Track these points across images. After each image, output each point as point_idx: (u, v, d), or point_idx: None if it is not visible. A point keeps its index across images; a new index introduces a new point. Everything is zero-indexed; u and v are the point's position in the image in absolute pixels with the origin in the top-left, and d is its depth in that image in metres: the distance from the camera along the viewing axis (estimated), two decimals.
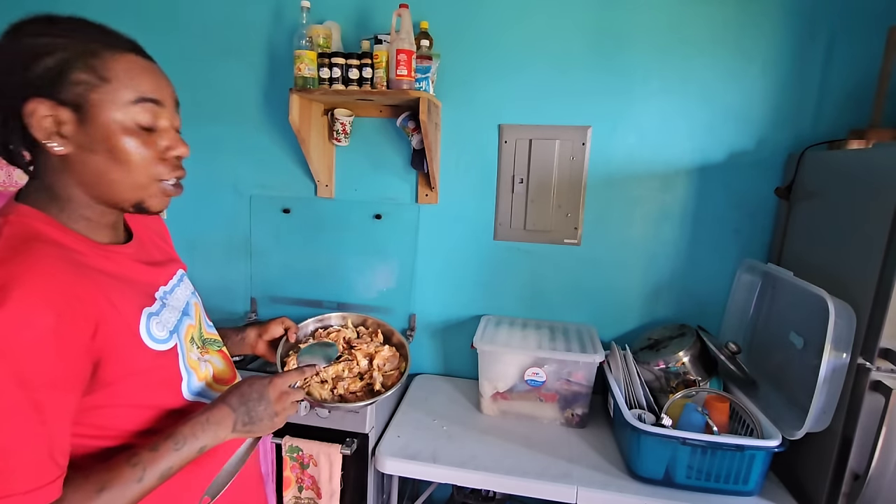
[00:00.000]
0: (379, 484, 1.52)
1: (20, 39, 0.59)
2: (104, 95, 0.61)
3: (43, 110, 0.59)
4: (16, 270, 0.55)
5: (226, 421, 0.70)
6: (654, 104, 1.62)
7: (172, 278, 0.79)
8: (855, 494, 1.13)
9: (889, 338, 1.08)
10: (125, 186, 0.65)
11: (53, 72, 0.58)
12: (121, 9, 1.89)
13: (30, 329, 0.53)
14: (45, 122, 0.59)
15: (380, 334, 1.14)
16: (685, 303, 1.71)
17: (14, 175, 2.19)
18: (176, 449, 0.65)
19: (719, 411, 1.35)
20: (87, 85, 0.60)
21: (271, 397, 0.74)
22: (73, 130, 0.61)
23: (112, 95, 0.61)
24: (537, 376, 1.53)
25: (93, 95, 0.60)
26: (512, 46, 1.67)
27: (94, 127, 0.61)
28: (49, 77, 0.58)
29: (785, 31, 1.51)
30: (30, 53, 0.58)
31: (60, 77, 0.59)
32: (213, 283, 2.03)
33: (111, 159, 0.63)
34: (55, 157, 0.62)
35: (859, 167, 1.21)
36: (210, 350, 0.82)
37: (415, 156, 1.75)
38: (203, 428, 0.68)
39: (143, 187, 0.67)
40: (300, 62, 1.51)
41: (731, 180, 1.61)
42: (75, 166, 0.63)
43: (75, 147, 0.61)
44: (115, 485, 0.60)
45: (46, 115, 0.59)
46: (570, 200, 1.72)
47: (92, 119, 0.61)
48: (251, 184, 1.94)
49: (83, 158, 0.62)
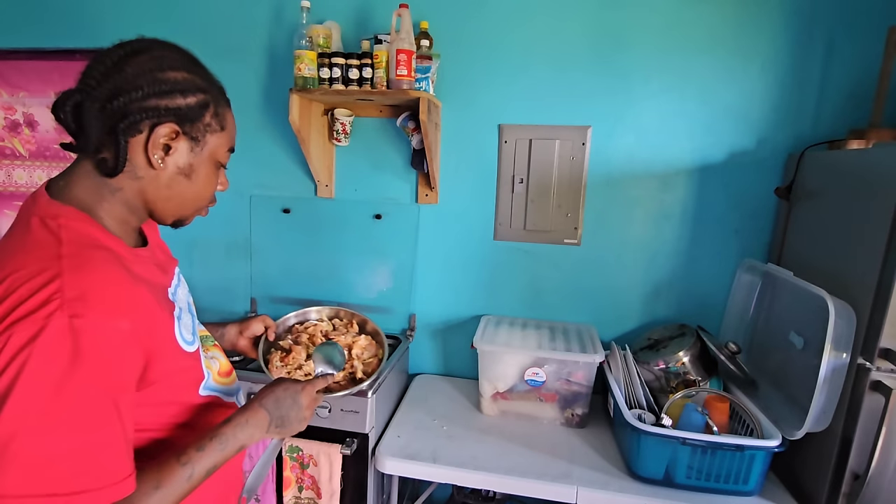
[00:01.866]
0: (379, 484, 1.52)
1: (163, 69, 0.67)
2: (218, 140, 0.74)
3: (169, 133, 0.67)
4: (90, 279, 0.59)
5: (262, 423, 0.76)
6: (653, 104, 1.62)
7: (174, 277, 0.82)
8: (855, 494, 1.13)
9: (889, 338, 1.08)
10: (189, 206, 0.75)
11: (194, 111, 0.69)
12: (121, 9, 1.89)
13: (112, 336, 0.59)
14: (162, 142, 0.67)
15: (354, 325, 1.17)
16: (685, 303, 1.71)
17: (13, 175, 2.19)
18: (221, 448, 0.71)
19: (719, 411, 1.35)
20: (211, 127, 0.72)
21: (303, 402, 0.81)
22: (182, 155, 0.70)
23: (222, 141, 0.75)
24: (537, 376, 1.53)
25: (210, 136, 0.72)
26: (512, 46, 1.67)
27: (199, 159, 0.72)
28: (188, 113, 0.68)
29: (785, 30, 1.51)
30: (175, 86, 0.67)
31: (197, 116, 0.70)
32: (213, 283, 2.03)
33: (193, 185, 0.73)
34: (148, 168, 0.68)
35: (859, 167, 1.21)
36: (208, 346, 0.86)
37: (415, 156, 1.75)
38: (243, 429, 0.74)
39: (198, 209, 0.78)
40: (300, 62, 1.51)
41: (731, 180, 1.61)
42: (162, 182, 0.70)
43: (174, 167, 0.70)
44: (169, 482, 0.65)
45: (170, 137, 0.68)
46: (570, 200, 1.72)
47: (201, 152, 0.72)
48: (251, 184, 1.94)
49: (173, 178, 0.71)
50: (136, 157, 0.67)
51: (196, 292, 1.75)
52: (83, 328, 0.56)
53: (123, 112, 0.64)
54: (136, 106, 0.64)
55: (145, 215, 0.74)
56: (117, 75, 0.64)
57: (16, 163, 2.22)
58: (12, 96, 2.15)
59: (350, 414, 1.41)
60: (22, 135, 2.19)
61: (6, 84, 2.15)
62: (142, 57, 0.66)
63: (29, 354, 0.53)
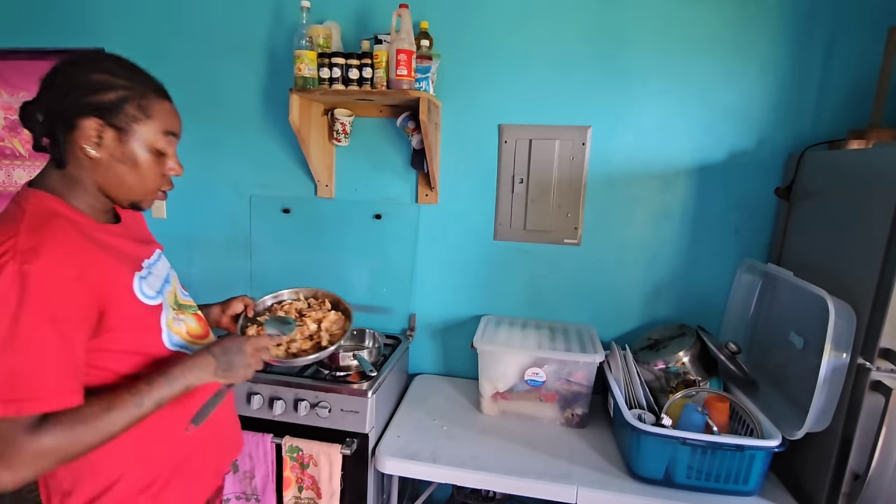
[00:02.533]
0: (379, 484, 1.52)
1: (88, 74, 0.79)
2: (146, 128, 0.83)
3: (95, 126, 0.79)
4: (43, 237, 0.73)
5: (209, 366, 0.88)
6: (653, 104, 1.62)
7: (153, 255, 0.96)
8: (855, 494, 1.13)
9: (889, 338, 1.08)
10: (135, 191, 0.86)
11: (115, 105, 0.80)
12: (122, 9, 1.89)
13: (58, 278, 0.72)
14: (92, 135, 0.79)
15: (327, 303, 1.26)
16: (685, 303, 1.71)
17: (13, 175, 2.19)
18: (168, 385, 0.82)
19: (719, 411, 1.35)
20: (135, 118, 0.82)
21: (247, 352, 0.93)
22: (111, 145, 0.81)
23: (151, 129, 0.84)
24: (537, 376, 1.53)
25: (135, 125, 0.82)
26: (512, 46, 1.67)
27: (130, 146, 0.82)
28: (109, 107, 0.79)
29: (784, 31, 1.51)
30: (98, 85, 0.79)
31: (118, 109, 0.80)
32: (213, 282, 2.03)
33: (132, 170, 0.84)
34: (87, 158, 0.80)
35: (859, 167, 1.21)
36: (185, 312, 0.99)
37: (415, 156, 1.75)
38: (190, 369, 0.85)
39: (146, 193, 0.88)
40: (300, 62, 1.51)
41: (731, 180, 1.61)
42: (102, 169, 0.82)
43: (107, 156, 0.81)
44: (118, 407, 0.77)
45: (96, 129, 0.79)
46: (570, 200, 1.72)
47: (131, 141, 0.82)
48: (251, 184, 1.94)
49: (111, 165, 0.82)
50: (76, 151, 0.80)
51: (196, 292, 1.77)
52: (30, 272, 0.70)
53: (58, 113, 0.78)
54: (66, 106, 0.77)
55: (106, 200, 0.86)
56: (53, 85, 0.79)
57: (16, 163, 2.22)
58: (12, 96, 2.15)
59: (350, 414, 1.41)
60: (22, 135, 2.19)
61: (6, 84, 2.15)
62: (71, 67, 0.79)
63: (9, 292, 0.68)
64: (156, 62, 1.88)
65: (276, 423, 1.45)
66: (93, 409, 0.76)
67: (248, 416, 1.46)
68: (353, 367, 1.50)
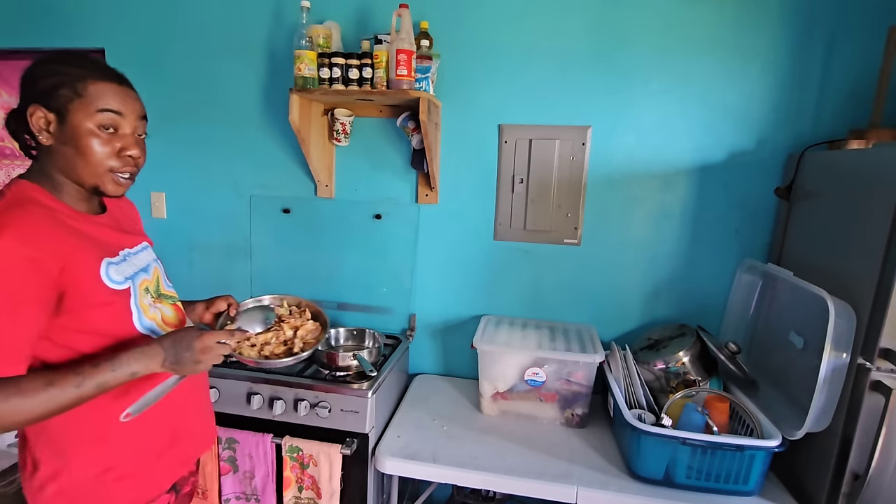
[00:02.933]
0: (379, 484, 1.52)
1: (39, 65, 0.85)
2: (81, 106, 0.85)
3: (38, 113, 0.84)
4: (8, 219, 0.78)
5: (157, 357, 0.88)
6: (653, 104, 1.62)
7: (137, 246, 1.00)
8: (855, 494, 1.13)
9: (889, 338, 1.08)
10: (86, 173, 0.88)
11: (48, 89, 0.84)
12: (122, 10, 1.89)
13: (13, 257, 0.76)
14: (39, 122, 0.84)
15: (308, 313, 1.27)
16: (685, 303, 1.71)
17: (13, 175, 2.19)
18: (112, 369, 0.84)
19: (719, 411, 1.35)
20: (67, 98, 0.84)
21: (196, 347, 0.91)
22: (56, 129, 0.85)
23: (85, 106, 0.85)
24: (537, 376, 1.53)
25: (69, 105, 0.84)
26: (512, 46, 1.67)
27: (69, 127, 0.85)
28: (43, 94, 0.84)
29: (784, 30, 1.51)
30: (40, 75, 0.85)
31: (51, 94, 0.84)
32: (213, 282, 2.03)
33: (77, 152, 0.86)
34: (45, 146, 0.86)
35: (859, 167, 1.21)
36: (164, 301, 1.02)
37: (415, 156, 1.75)
38: (137, 358, 0.86)
39: (99, 175, 0.88)
40: (300, 62, 1.51)
41: (731, 180, 1.61)
42: (55, 155, 0.87)
43: (56, 141, 0.85)
44: (59, 384, 0.79)
45: (40, 117, 0.84)
46: (570, 200, 1.72)
47: (68, 122, 0.85)
48: (251, 184, 1.94)
49: (60, 149, 0.86)
50: (39, 139, 0.85)
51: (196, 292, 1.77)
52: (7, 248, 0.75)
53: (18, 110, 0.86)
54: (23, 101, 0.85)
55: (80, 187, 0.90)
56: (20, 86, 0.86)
57: (16, 162, 2.22)
58: (12, 96, 2.15)
59: (350, 414, 1.41)
60: None
61: (6, 84, 2.15)
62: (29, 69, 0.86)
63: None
64: (156, 62, 1.91)
65: (276, 423, 1.45)
66: (34, 382, 0.78)
67: (248, 415, 1.46)
68: (353, 367, 1.50)
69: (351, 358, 1.49)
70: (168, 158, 1.96)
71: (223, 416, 1.47)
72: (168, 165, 1.97)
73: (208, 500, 1.49)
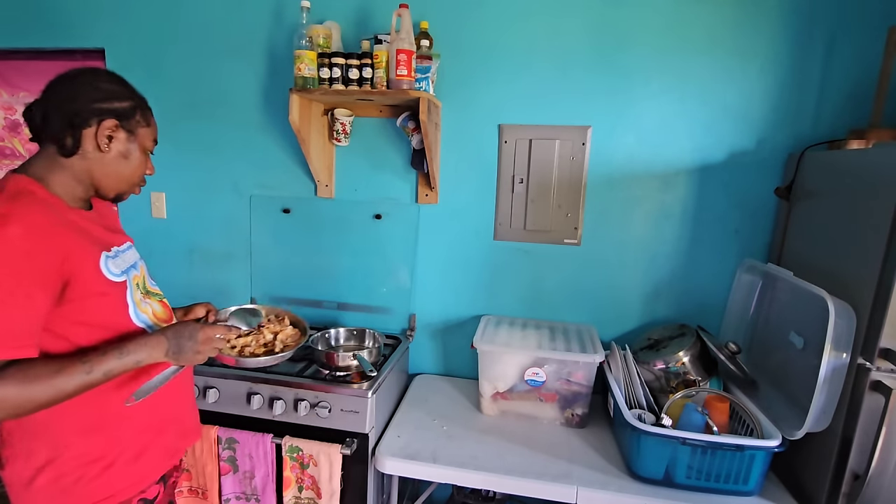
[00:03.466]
0: (379, 484, 1.52)
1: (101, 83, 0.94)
2: (145, 133, 1.00)
3: (112, 126, 0.93)
4: (14, 207, 0.82)
5: (160, 346, 0.94)
6: (653, 104, 1.62)
7: (124, 244, 1.05)
8: (855, 494, 1.13)
9: (889, 338, 1.08)
10: (125, 182, 1.00)
11: (128, 111, 0.96)
12: (122, 10, 1.89)
13: (25, 242, 0.80)
14: (105, 132, 0.93)
15: (287, 320, 1.35)
16: (685, 303, 1.71)
17: None
18: (118, 357, 0.89)
19: (719, 411, 1.35)
20: (139, 123, 0.98)
21: (199, 338, 0.98)
22: (121, 143, 0.96)
23: (148, 134, 1.01)
24: (537, 376, 1.53)
25: (139, 129, 0.99)
26: (512, 46, 1.67)
27: (133, 146, 0.98)
28: (124, 112, 0.95)
29: (784, 30, 1.51)
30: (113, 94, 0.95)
31: (130, 115, 0.96)
32: (213, 282, 2.03)
33: (128, 165, 0.98)
34: (95, 151, 0.93)
35: (859, 167, 1.21)
36: (152, 298, 1.07)
37: (415, 156, 1.75)
38: (141, 347, 0.92)
39: (132, 185, 1.02)
40: (300, 62, 1.51)
41: (731, 180, 1.61)
42: (105, 161, 0.95)
43: (115, 151, 0.95)
44: (68, 372, 0.84)
45: (110, 130, 0.93)
46: (570, 200, 1.72)
47: (134, 141, 0.98)
48: (251, 184, 1.94)
49: (114, 159, 0.96)
50: (87, 144, 0.92)
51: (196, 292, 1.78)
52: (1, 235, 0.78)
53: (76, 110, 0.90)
54: (86, 107, 0.91)
55: (92, 189, 0.97)
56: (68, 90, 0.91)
57: (16, 162, 2.22)
58: (12, 96, 2.15)
59: (350, 414, 1.41)
60: (22, 134, 2.20)
61: (6, 84, 2.15)
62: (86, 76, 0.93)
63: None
64: (156, 62, 1.91)
65: (276, 423, 1.45)
66: (45, 368, 0.82)
67: (248, 415, 1.46)
68: (353, 367, 1.50)
69: (351, 358, 1.49)
70: (168, 158, 1.96)
71: (223, 416, 1.47)
72: (168, 165, 1.97)
73: (208, 500, 1.50)
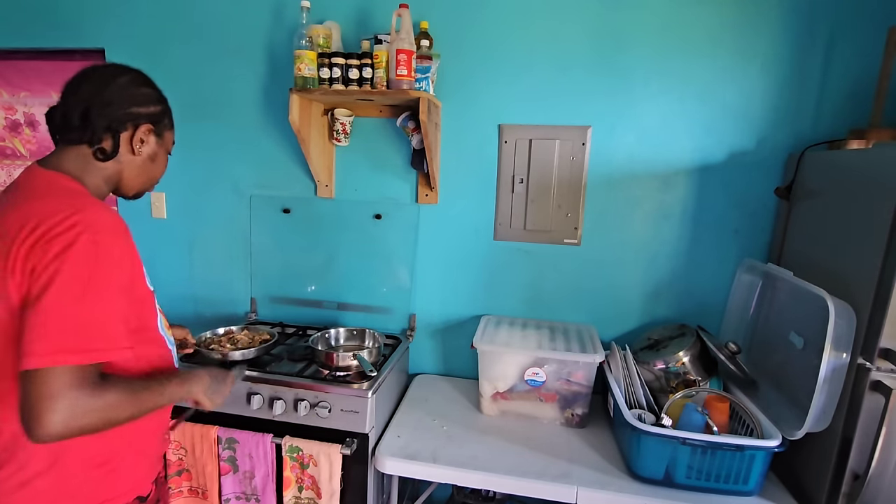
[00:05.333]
0: (379, 484, 1.52)
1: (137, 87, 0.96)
2: (170, 135, 1.06)
3: (146, 130, 0.98)
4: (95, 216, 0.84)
5: (203, 384, 1.06)
6: (653, 104, 1.62)
7: None
8: (855, 494, 1.13)
9: (889, 338, 1.08)
10: (149, 182, 1.05)
11: (159, 115, 1.00)
12: (122, 10, 1.89)
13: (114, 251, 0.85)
14: (141, 136, 0.97)
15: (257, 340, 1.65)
16: (685, 303, 1.71)
17: (14, 175, 2.19)
18: (179, 386, 0.98)
19: (719, 411, 1.35)
20: (166, 126, 1.04)
21: (227, 383, 1.14)
22: (151, 146, 1.00)
23: (171, 136, 1.07)
24: (537, 376, 1.53)
25: (166, 132, 1.04)
26: (512, 46, 1.67)
27: (160, 148, 1.03)
28: (156, 117, 0.99)
29: (784, 30, 1.51)
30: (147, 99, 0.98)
31: (161, 119, 1.01)
32: (213, 283, 2.03)
33: (156, 166, 1.05)
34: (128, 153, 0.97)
35: (859, 167, 1.21)
36: None
37: (415, 156, 1.75)
38: (193, 382, 1.03)
39: (153, 184, 1.07)
40: (300, 62, 1.51)
41: (731, 180, 1.61)
42: (136, 163, 0.99)
43: (146, 153, 1.00)
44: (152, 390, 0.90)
45: (144, 133, 0.97)
46: (570, 200, 1.72)
47: (162, 144, 1.04)
48: (251, 184, 1.94)
49: (144, 161, 1.00)
50: (123, 147, 0.95)
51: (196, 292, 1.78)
52: (100, 242, 0.82)
53: (116, 115, 0.92)
54: (124, 111, 0.93)
55: (118, 188, 1.01)
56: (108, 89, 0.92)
57: (17, 162, 2.22)
58: (13, 96, 2.15)
59: (350, 414, 1.41)
60: (23, 135, 2.20)
61: (7, 84, 2.15)
62: (122, 78, 0.94)
63: (65, 258, 0.78)
64: (156, 62, 1.91)
65: (276, 423, 1.45)
66: (136, 384, 0.87)
67: (248, 415, 1.46)
68: (353, 367, 1.50)
69: (351, 358, 1.49)
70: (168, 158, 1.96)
71: (223, 416, 1.47)
72: (168, 165, 1.96)
73: (208, 500, 1.50)
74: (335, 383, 1.44)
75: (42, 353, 0.75)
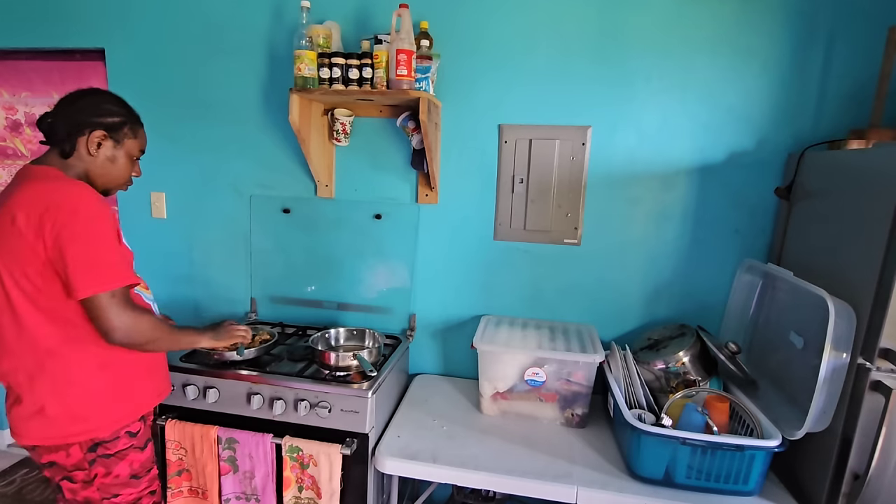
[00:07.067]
0: (379, 484, 1.52)
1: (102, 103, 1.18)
2: (132, 143, 1.23)
3: (100, 136, 1.16)
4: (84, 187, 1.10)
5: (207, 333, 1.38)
6: (654, 104, 1.62)
7: None
8: (855, 494, 1.13)
9: (889, 338, 1.08)
10: (112, 181, 1.23)
11: (117, 125, 1.19)
12: (122, 10, 1.89)
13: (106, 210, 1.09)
14: (96, 140, 1.16)
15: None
16: (685, 303, 1.71)
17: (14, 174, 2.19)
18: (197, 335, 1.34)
19: (719, 411, 1.35)
20: (127, 135, 1.21)
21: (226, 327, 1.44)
22: (108, 150, 1.19)
23: (135, 144, 1.24)
24: (537, 376, 1.53)
25: (126, 140, 1.22)
26: (512, 46, 1.67)
27: (119, 153, 1.21)
28: (113, 126, 1.19)
29: (785, 30, 1.51)
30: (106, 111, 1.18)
31: (119, 128, 1.20)
32: (213, 283, 2.04)
33: (115, 167, 1.22)
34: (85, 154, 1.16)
35: (859, 167, 1.21)
36: None
37: (415, 156, 1.75)
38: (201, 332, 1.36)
39: (118, 185, 1.25)
40: (300, 62, 1.51)
41: (731, 180, 1.61)
42: (96, 163, 1.18)
43: (103, 157, 1.18)
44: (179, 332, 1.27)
45: (98, 139, 1.16)
46: (570, 200, 1.72)
47: (120, 149, 1.21)
48: (251, 184, 1.94)
49: (103, 162, 1.19)
50: (80, 149, 1.15)
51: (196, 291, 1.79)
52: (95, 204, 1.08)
53: (76, 122, 1.14)
54: (84, 120, 1.15)
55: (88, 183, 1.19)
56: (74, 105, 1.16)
57: (17, 162, 2.22)
58: (14, 96, 2.16)
59: (350, 414, 1.42)
60: (23, 135, 2.20)
61: (8, 84, 2.15)
62: (95, 97, 1.18)
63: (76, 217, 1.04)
64: (156, 62, 1.91)
65: (276, 423, 1.45)
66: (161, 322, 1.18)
67: (248, 415, 1.46)
68: (353, 367, 1.50)
69: (351, 358, 1.49)
70: (168, 158, 1.97)
71: (223, 416, 1.48)
72: (168, 165, 1.97)
73: (208, 500, 1.50)
74: (335, 383, 1.44)
75: (84, 287, 1.04)
